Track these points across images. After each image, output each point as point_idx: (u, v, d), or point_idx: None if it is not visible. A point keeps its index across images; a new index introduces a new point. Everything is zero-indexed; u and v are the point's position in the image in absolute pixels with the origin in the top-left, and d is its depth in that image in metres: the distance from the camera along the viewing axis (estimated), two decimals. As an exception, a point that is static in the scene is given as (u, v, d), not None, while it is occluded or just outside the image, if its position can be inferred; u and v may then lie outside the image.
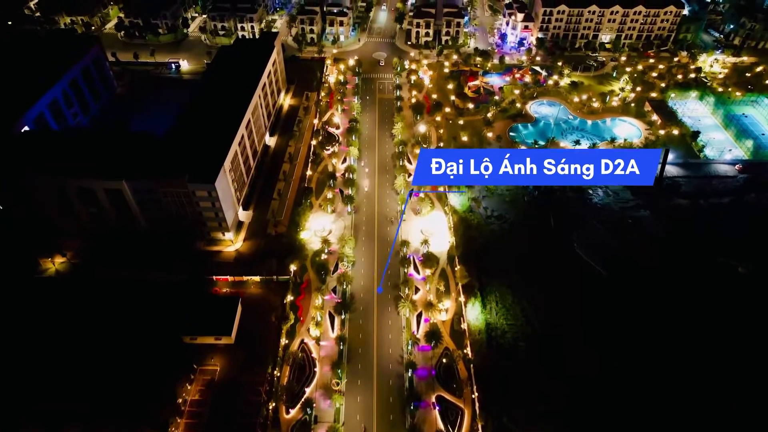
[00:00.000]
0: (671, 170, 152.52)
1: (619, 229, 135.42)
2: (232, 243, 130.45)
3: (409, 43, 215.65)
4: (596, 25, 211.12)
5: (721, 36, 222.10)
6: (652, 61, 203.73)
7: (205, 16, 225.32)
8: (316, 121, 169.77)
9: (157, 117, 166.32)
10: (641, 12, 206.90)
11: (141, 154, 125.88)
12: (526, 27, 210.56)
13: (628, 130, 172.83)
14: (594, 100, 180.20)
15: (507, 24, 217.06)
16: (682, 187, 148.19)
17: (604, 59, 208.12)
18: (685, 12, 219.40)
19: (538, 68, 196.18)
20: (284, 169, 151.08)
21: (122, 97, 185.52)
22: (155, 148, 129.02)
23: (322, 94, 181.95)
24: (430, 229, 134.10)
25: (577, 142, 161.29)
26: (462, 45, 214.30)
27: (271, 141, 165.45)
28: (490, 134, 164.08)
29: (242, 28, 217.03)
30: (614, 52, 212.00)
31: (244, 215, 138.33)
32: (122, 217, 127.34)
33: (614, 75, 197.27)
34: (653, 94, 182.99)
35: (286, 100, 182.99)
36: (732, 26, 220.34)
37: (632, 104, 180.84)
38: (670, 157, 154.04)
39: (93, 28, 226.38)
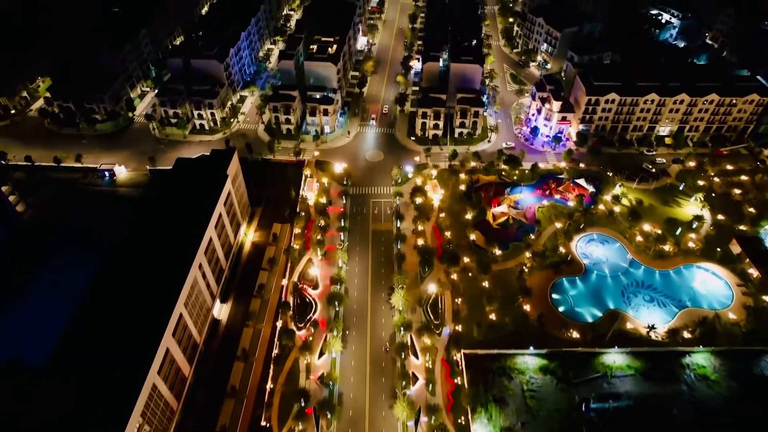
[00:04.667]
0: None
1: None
2: None
3: (413, 138, 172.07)
4: (654, 116, 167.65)
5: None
6: (730, 167, 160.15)
7: (156, 94, 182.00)
8: (285, 281, 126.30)
9: (69, 271, 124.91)
10: (713, 101, 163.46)
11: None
12: (563, 118, 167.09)
13: (712, 285, 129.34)
14: (661, 233, 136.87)
15: (538, 112, 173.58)
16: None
17: (664, 161, 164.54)
18: None
19: (582, 182, 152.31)
20: (233, 383, 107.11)
21: (29, 227, 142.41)
22: (22, 392, 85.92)
23: (296, 230, 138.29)
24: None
25: (652, 327, 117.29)
26: (481, 138, 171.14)
27: (222, 311, 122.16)
28: (528, 307, 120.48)
29: (200, 116, 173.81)
30: (676, 148, 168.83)
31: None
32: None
33: (682, 188, 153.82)
34: (742, 227, 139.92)
35: (248, 236, 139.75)
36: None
37: (712, 235, 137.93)
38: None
39: (13, 112, 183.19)
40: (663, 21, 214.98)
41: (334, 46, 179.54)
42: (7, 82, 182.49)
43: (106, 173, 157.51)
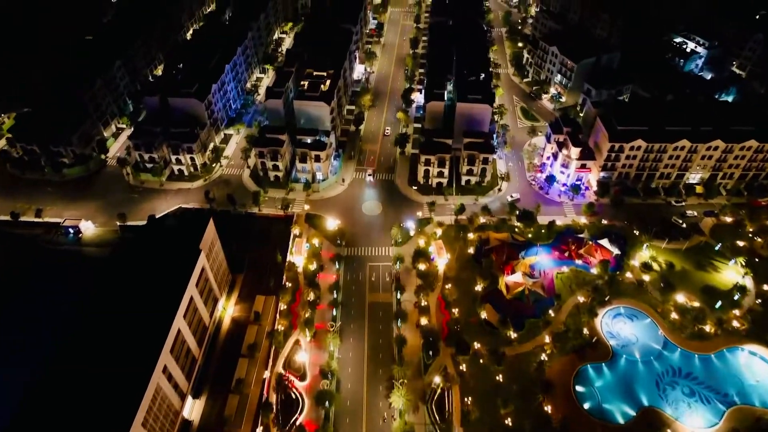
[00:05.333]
0: None
1: None
2: None
3: (415, 187, 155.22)
4: (684, 164, 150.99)
5: None
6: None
7: (129, 136, 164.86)
8: (267, 373, 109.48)
9: (20, 350, 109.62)
10: (750, 147, 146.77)
11: None
12: (583, 166, 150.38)
13: (764, 374, 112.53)
14: (698, 306, 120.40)
15: (554, 157, 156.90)
16: None
17: (695, 214, 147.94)
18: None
19: (606, 243, 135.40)
20: None
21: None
22: None
23: (282, 305, 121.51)
24: None
25: None
26: (490, 186, 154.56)
27: (194, 409, 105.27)
28: (549, 408, 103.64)
29: (178, 161, 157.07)
30: (708, 198, 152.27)
31: None
32: None
33: (718, 248, 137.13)
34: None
35: (227, 311, 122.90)
36: None
37: (758, 311, 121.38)
38: None
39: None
40: (688, 50, 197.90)
41: (328, 82, 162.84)
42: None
43: (71, 230, 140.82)
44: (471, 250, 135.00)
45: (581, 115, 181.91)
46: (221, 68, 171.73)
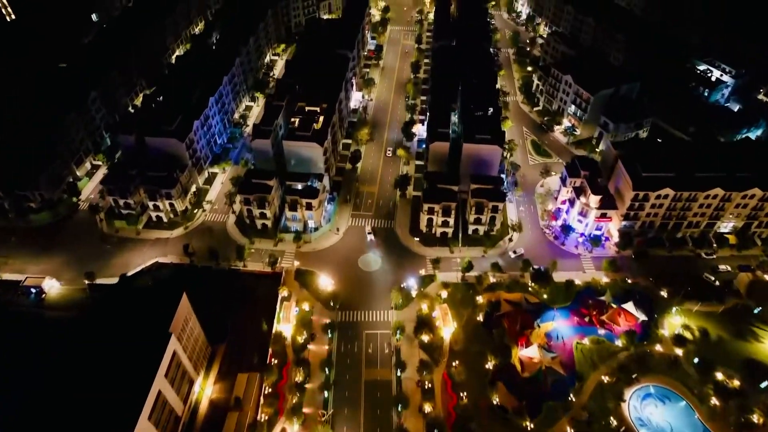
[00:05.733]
0: None
1: None
2: None
3: (417, 239, 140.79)
4: (715, 212, 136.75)
5: None
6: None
7: (102, 180, 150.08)
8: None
9: None
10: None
11: None
12: (603, 215, 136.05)
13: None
14: (740, 388, 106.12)
15: (570, 203, 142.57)
16: None
17: (728, 269, 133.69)
18: None
19: (631, 307, 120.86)
20: None
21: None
22: None
23: (267, 388, 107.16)
24: None
25: None
26: (500, 236, 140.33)
27: None
28: None
29: (156, 207, 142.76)
30: (741, 249, 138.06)
31: None
32: None
33: (758, 312, 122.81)
34: None
35: (205, 391, 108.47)
36: None
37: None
38: None
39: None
40: (713, 79, 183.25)
41: (321, 119, 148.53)
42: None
43: (32, 290, 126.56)
44: (480, 317, 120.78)
45: (597, 150, 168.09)
46: (205, 101, 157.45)
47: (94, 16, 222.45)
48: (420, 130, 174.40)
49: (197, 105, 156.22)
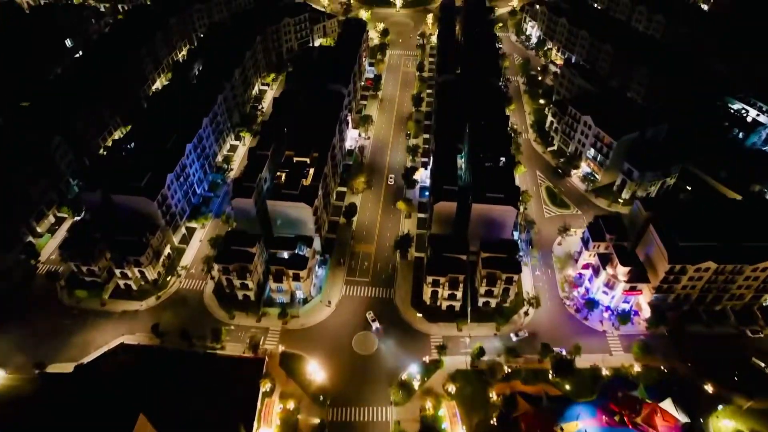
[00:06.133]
0: None
1: None
2: None
3: (420, 315, 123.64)
4: (762, 285, 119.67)
5: None
6: None
7: (61, 245, 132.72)
8: None
9: None
10: None
11: None
12: (632, 288, 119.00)
13: None
14: None
15: (594, 271, 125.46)
16: None
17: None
18: None
19: (669, 405, 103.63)
20: None
21: None
22: None
23: None
24: None
25: None
26: (514, 309, 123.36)
27: None
28: None
29: (123, 275, 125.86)
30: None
31: None
32: None
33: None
34: None
35: None
36: None
37: None
38: None
39: None
40: (749, 119, 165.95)
41: (311, 172, 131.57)
42: None
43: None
44: (494, 420, 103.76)
45: (620, 201, 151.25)
46: (181, 148, 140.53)
47: (68, 42, 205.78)
48: (423, 176, 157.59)
49: (173, 153, 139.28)
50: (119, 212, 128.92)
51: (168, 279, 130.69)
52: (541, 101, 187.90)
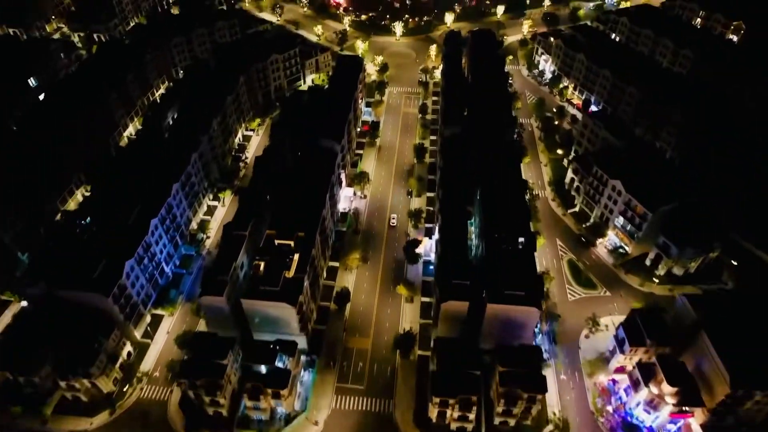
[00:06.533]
0: None
1: None
2: None
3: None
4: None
5: None
6: None
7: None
8: None
9: None
10: None
11: None
12: (681, 410, 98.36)
13: None
14: None
15: (633, 384, 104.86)
16: None
17: None
18: None
19: None
20: None
21: None
22: None
23: None
24: None
25: None
26: (539, 427, 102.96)
27: None
28: None
29: (71, 387, 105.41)
30: None
31: None
32: None
33: None
34: None
35: None
36: None
37: None
38: None
39: None
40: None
41: (295, 259, 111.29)
42: None
43: None
44: None
45: (655, 280, 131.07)
46: (145, 226, 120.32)
47: (32, 81, 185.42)
48: (427, 247, 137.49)
49: (135, 230, 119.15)
50: (67, 308, 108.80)
51: (125, 390, 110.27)
52: (559, 151, 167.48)
